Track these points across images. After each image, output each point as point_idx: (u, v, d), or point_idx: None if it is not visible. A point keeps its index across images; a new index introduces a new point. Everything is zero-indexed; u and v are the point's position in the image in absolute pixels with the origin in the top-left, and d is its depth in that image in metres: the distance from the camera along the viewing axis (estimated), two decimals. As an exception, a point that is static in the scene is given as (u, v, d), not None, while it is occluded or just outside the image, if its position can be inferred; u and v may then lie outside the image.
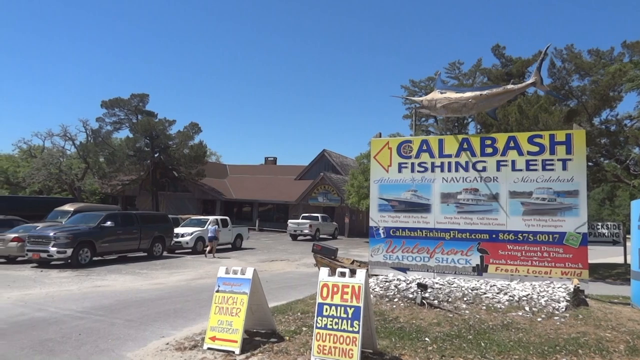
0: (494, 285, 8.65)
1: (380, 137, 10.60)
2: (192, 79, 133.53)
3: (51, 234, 14.95)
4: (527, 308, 7.64)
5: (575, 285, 8.27)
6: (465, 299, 8.15)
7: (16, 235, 16.01)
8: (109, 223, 16.53)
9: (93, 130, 41.77)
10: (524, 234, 8.99)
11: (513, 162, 9.22)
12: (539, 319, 7.18)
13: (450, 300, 8.13)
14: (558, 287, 8.34)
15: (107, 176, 41.94)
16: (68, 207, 22.18)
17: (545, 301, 7.84)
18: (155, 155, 40.63)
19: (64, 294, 10.30)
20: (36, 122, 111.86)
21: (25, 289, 10.86)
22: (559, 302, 7.76)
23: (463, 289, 8.56)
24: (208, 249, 19.74)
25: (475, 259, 9.25)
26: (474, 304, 7.95)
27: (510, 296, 8.14)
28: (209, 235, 19.72)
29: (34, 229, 16.14)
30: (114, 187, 42.32)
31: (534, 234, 8.92)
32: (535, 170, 9.07)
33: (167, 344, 6.40)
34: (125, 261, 16.89)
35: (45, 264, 15.13)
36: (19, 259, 15.79)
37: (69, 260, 14.87)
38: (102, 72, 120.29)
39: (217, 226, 20.59)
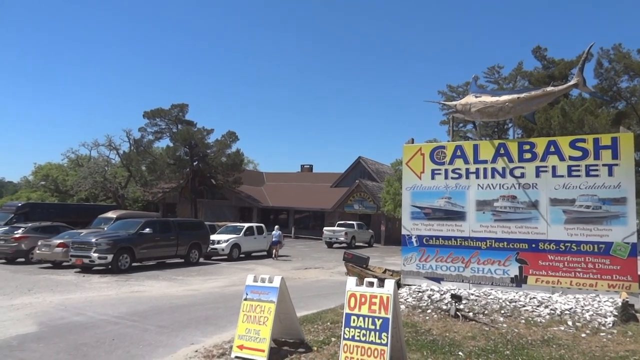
0: (533, 297, 8.24)
1: (412, 142, 10.38)
2: (230, 89, 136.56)
3: (93, 240, 15.49)
4: (569, 323, 7.20)
5: (623, 299, 7.73)
6: (502, 311, 7.79)
7: (62, 241, 16.68)
8: (147, 230, 16.96)
9: (135, 140, 43.31)
10: (566, 244, 8.53)
11: (554, 167, 8.80)
12: (583, 335, 6.74)
13: (486, 312, 7.79)
14: (604, 301, 7.84)
15: (149, 184, 43.34)
16: (111, 214, 23.01)
17: (590, 316, 7.38)
18: (194, 164, 41.61)
19: (102, 299, 10.60)
20: (84, 132, 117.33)
21: (67, 294, 11.26)
22: (606, 317, 7.28)
23: (500, 301, 8.19)
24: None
25: (513, 270, 8.85)
26: (512, 317, 7.58)
27: (551, 309, 7.72)
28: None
29: (77, 235, 16.80)
30: (155, 195, 43.61)
31: (577, 243, 8.45)
32: (578, 176, 8.61)
33: (196, 351, 6.42)
34: (163, 267, 17.26)
35: (87, 269, 15.66)
36: (64, 263, 16.42)
37: (110, 266, 15.33)
38: (145, 84, 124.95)
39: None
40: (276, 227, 24.02)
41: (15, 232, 17.97)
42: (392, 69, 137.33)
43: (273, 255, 22.42)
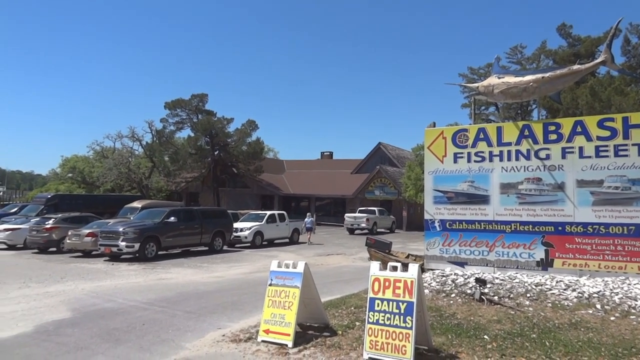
0: (560, 280, 8.13)
1: (434, 126, 10.26)
2: (249, 78, 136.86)
3: (120, 230, 15.88)
4: (598, 306, 7.09)
5: (654, 282, 7.56)
6: (528, 295, 7.71)
7: (90, 230, 17.16)
8: (172, 219, 17.29)
9: (158, 131, 43.88)
10: (594, 226, 8.36)
11: (580, 148, 8.59)
12: (612, 318, 6.64)
13: (511, 296, 7.73)
14: (635, 284, 7.68)
15: (172, 174, 44.00)
16: (136, 204, 23.53)
17: (619, 299, 7.24)
18: (215, 153, 42.02)
19: (131, 286, 10.90)
20: (108, 124, 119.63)
21: (97, 281, 11.61)
22: (636, 300, 7.14)
23: (526, 284, 8.11)
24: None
25: (539, 253, 8.73)
26: (538, 300, 7.50)
27: (579, 293, 7.60)
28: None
29: (105, 225, 17.25)
30: (178, 185, 44.28)
31: (605, 225, 8.27)
32: (607, 156, 8.39)
33: (224, 335, 6.57)
34: (188, 255, 17.60)
35: (116, 257, 16.11)
36: (94, 252, 16.90)
37: (137, 254, 15.72)
38: (165, 75, 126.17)
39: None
40: (308, 214, 25.93)
41: (46, 222, 18.54)
42: (412, 54, 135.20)
43: (307, 241, 23.90)
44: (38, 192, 43.44)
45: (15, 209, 28.34)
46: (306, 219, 24.57)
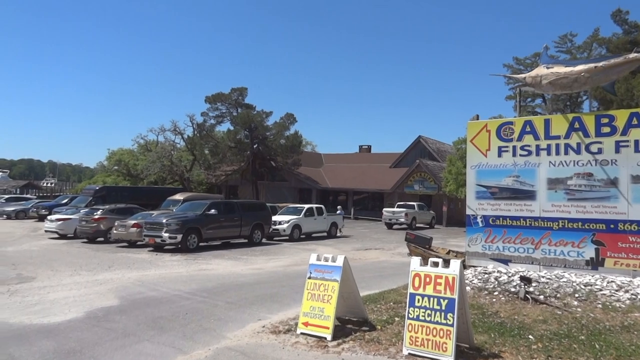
0: (612, 281, 7.79)
1: (477, 119, 10.02)
2: (288, 71, 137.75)
3: (164, 221, 16.45)
4: (653, 308, 6.75)
5: None
6: (576, 295, 7.44)
7: (136, 221, 17.87)
8: (212, 211, 17.74)
9: (198, 125, 45.01)
10: (650, 225, 7.92)
11: (636, 142, 8.16)
12: (669, 322, 6.30)
13: (558, 296, 7.48)
14: (695, 286, 7.25)
15: (212, 167, 45.10)
16: (178, 197, 24.26)
17: (677, 301, 6.86)
18: (254, 147, 42.65)
19: (174, 276, 11.30)
20: (152, 119, 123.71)
21: (143, 270, 12.10)
22: (696, 303, 6.74)
23: (574, 284, 7.82)
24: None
25: (589, 252, 8.38)
26: (588, 301, 7.22)
27: (632, 294, 7.27)
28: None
29: (149, 217, 17.90)
30: (218, 178, 45.32)
31: (663, 224, 7.82)
32: (665, 151, 7.91)
33: (263, 326, 6.71)
34: (228, 247, 18.02)
35: (159, 248, 16.71)
36: (138, 243, 17.60)
37: (179, 245, 16.25)
38: (207, 69, 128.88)
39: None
40: (338, 207, 27.68)
41: (95, 213, 19.45)
42: (455, 44, 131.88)
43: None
44: (87, 184, 45.58)
45: (66, 200, 29.92)
46: (337, 212, 26.62)
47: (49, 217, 21.65)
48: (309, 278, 6.52)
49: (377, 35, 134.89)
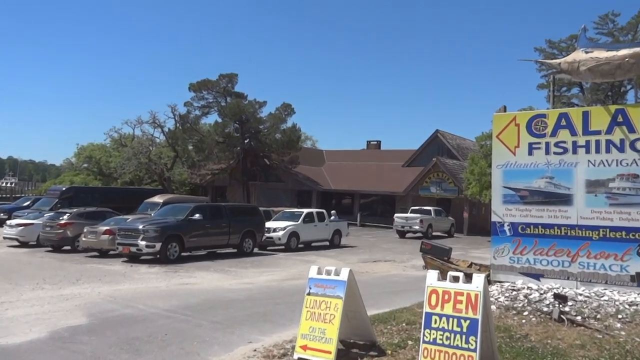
0: (661, 300, 7.75)
1: (504, 111, 10.03)
2: (285, 55, 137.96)
3: (140, 227, 16.44)
4: None
5: None
6: (620, 316, 7.43)
7: (108, 228, 17.87)
8: (197, 216, 17.71)
9: (181, 116, 44.96)
10: None
11: (691, 139, 8.13)
12: None
13: (599, 317, 7.47)
14: None
15: (196, 165, 45.11)
16: (157, 199, 24.31)
17: None
18: (246, 142, 42.63)
19: (151, 291, 11.30)
20: (128, 109, 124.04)
21: (115, 284, 12.11)
22: None
23: (617, 303, 7.81)
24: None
25: (634, 266, 8.36)
26: (633, 323, 7.21)
27: (685, 315, 7.23)
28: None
29: (124, 222, 17.91)
30: (204, 177, 45.30)
31: None
32: None
33: (255, 350, 6.70)
34: (214, 257, 18.03)
35: (134, 258, 16.71)
36: (111, 252, 17.60)
37: (158, 255, 16.24)
38: (191, 52, 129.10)
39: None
40: (332, 212, 26.96)
41: (61, 218, 19.45)
42: (478, 24, 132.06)
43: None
44: (52, 184, 45.70)
45: (28, 203, 30.01)
46: (331, 218, 25.61)
47: (8, 222, 21.70)
48: (308, 294, 6.49)
49: (388, 8, 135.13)
